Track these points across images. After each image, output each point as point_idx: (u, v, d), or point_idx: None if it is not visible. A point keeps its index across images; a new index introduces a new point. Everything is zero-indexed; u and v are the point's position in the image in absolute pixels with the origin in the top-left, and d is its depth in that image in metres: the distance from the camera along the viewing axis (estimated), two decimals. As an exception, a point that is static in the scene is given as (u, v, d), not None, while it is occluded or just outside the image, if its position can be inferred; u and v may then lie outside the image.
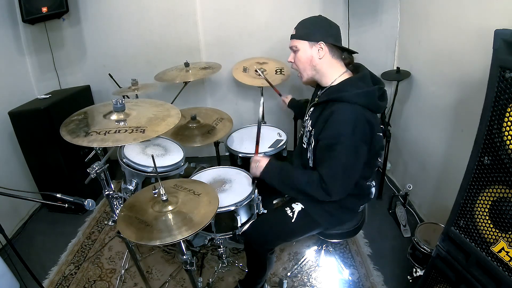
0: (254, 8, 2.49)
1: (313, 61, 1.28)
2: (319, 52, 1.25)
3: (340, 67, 1.30)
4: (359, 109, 1.17)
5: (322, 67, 1.29)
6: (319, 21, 1.28)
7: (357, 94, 1.18)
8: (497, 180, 0.95)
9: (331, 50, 1.26)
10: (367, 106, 1.19)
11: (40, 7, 2.21)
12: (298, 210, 1.38)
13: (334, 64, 1.29)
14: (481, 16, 1.48)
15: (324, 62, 1.27)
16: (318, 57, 1.26)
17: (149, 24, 2.53)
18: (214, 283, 1.78)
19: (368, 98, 1.19)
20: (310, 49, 1.26)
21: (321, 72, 1.30)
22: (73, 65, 2.67)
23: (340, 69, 1.30)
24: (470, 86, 1.59)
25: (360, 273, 1.83)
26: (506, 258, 0.94)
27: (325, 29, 1.26)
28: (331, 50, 1.26)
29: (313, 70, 1.31)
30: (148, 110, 1.29)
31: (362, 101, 1.18)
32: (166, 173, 1.62)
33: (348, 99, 1.18)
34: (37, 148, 2.22)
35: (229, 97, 2.84)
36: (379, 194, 2.42)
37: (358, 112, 1.17)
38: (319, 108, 1.28)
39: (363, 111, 1.18)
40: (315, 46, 1.25)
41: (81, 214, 2.41)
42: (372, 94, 1.21)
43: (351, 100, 1.17)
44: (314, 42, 1.25)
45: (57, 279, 1.87)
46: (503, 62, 0.88)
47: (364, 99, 1.18)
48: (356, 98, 1.17)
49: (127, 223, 1.15)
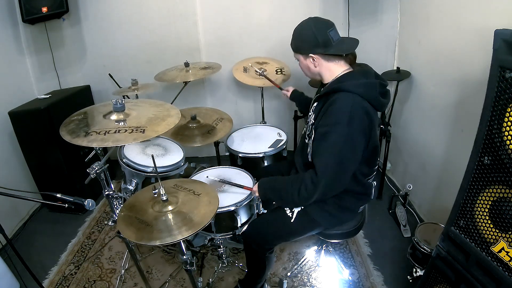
0: (254, 8, 2.49)
1: (311, 69, 1.32)
2: (313, 61, 1.28)
3: (342, 65, 1.30)
4: (358, 99, 1.16)
5: (321, 71, 1.31)
6: (305, 31, 1.26)
7: (357, 84, 1.18)
8: (497, 180, 0.95)
9: (324, 57, 1.27)
10: (367, 98, 1.18)
11: (40, 7, 2.21)
12: (298, 210, 1.38)
13: (333, 65, 1.29)
14: (481, 16, 1.48)
15: (321, 68, 1.29)
16: (313, 66, 1.29)
17: (149, 24, 2.53)
18: (214, 283, 1.78)
19: (368, 89, 1.19)
20: (305, 60, 1.30)
21: (322, 74, 1.32)
22: (73, 65, 2.67)
23: (342, 66, 1.29)
24: (470, 86, 1.59)
25: (360, 273, 1.83)
26: (506, 258, 0.94)
27: (311, 40, 1.23)
28: (324, 57, 1.27)
29: (314, 75, 1.35)
30: (148, 110, 1.29)
31: (361, 91, 1.17)
32: (166, 173, 1.62)
33: (346, 88, 1.17)
34: (37, 148, 2.22)
35: (229, 97, 2.84)
36: (379, 194, 2.42)
37: (357, 102, 1.16)
38: (321, 101, 1.29)
39: (362, 102, 1.17)
40: (308, 57, 1.28)
41: (81, 214, 2.41)
42: (373, 86, 1.21)
43: (349, 89, 1.17)
44: (305, 55, 1.28)
45: (57, 279, 1.87)
46: (503, 62, 0.88)
47: (363, 89, 1.18)
48: (355, 88, 1.17)
49: (127, 223, 1.15)
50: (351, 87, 1.17)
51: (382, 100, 1.24)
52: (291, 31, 1.32)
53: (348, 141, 1.15)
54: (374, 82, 1.22)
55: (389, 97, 1.32)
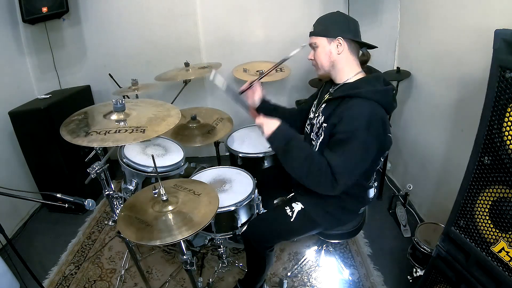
0: (254, 8, 2.48)
1: (331, 57, 1.27)
2: (337, 47, 1.25)
3: (356, 66, 1.30)
4: (375, 106, 1.17)
5: (339, 63, 1.28)
6: (337, 16, 1.29)
7: (375, 91, 1.19)
8: (497, 180, 0.95)
9: (350, 46, 1.26)
10: (383, 104, 1.19)
11: (40, 7, 2.21)
12: (298, 210, 1.38)
13: (351, 61, 1.29)
14: (481, 16, 1.48)
15: (342, 58, 1.27)
16: (336, 52, 1.26)
17: (149, 24, 2.52)
18: (214, 283, 1.78)
19: (385, 97, 1.20)
20: (329, 44, 1.26)
21: (337, 67, 1.30)
22: (73, 65, 2.67)
23: (356, 68, 1.30)
24: (470, 86, 1.59)
25: (360, 273, 1.83)
26: (506, 258, 0.94)
27: (343, 24, 1.25)
28: (349, 46, 1.26)
29: (331, 66, 1.30)
30: (148, 110, 1.29)
31: (378, 99, 1.18)
32: (166, 173, 1.62)
33: (365, 95, 1.18)
34: (37, 148, 2.22)
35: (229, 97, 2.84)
36: (379, 194, 2.42)
37: (374, 109, 1.17)
38: (333, 104, 1.28)
39: (379, 109, 1.18)
40: (334, 41, 1.25)
41: (81, 214, 2.41)
42: (389, 93, 1.23)
43: (368, 97, 1.17)
44: (332, 38, 1.25)
45: (57, 279, 1.87)
46: (503, 62, 0.88)
47: (380, 96, 1.19)
48: (374, 95, 1.18)
49: (127, 223, 1.15)
50: (369, 94, 1.18)
51: (394, 104, 1.26)
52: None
53: (366, 147, 1.16)
54: (388, 88, 1.23)
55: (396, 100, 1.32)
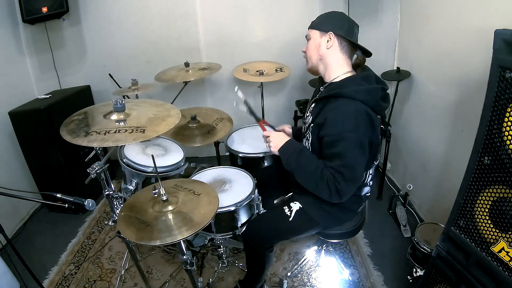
0: (254, 8, 2.48)
1: (320, 50, 1.28)
2: (327, 42, 1.26)
3: (346, 65, 1.29)
4: (359, 105, 1.16)
5: (327, 58, 1.28)
6: (336, 14, 1.30)
7: (358, 91, 1.17)
8: (497, 180, 0.95)
9: (341, 44, 1.26)
10: (369, 104, 1.18)
11: (40, 7, 2.21)
12: (296, 209, 1.38)
13: (341, 59, 1.28)
14: (481, 16, 1.48)
15: (331, 54, 1.27)
16: (325, 46, 1.27)
17: (149, 24, 2.53)
18: (214, 283, 1.78)
19: (370, 96, 1.18)
20: (320, 38, 1.28)
21: (326, 63, 1.30)
22: (73, 65, 2.67)
23: (345, 67, 1.29)
24: (470, 86, 1.59)
25: (360, 273, 1.83)
26: (506, 258, 0.94)
27: (338, 21, 1.26)
28: (340, 44, 1.26)
29: (319, 59, 1.31)
30: (148, 110, 1.29)
31: (363, 98, 1.16)
32: (166, 173, 1.62)
33: (348, 95, 1.17)
34: (37, 148, 2.22)
35: (229, 97, 2.83)
36: (379, 194, 2.42)
37: (359, 107, 1.16)
38: (320, 104, 1.28)
39: (364, 107, 1.16)
40: (325, 36, 1.26)
41: (81, 214, 2.41)
42: (375, 92, 1.20)
43: (351, 96, 1.16)
44: (324, 31, 1.26)
45: (57, 279, 1.87)
46: (503, 62, 0.88)
47: (364, 95, 1.17)
48: (357, 94, 1.16)
49: (127, 223, 1.15)
50: (352, 93, 1.17)
51: (383, 104, 1.24)
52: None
53: (359, 146, 1.15)
54: (375, 87, 1.22)
55: (389, 100, 1.31)
